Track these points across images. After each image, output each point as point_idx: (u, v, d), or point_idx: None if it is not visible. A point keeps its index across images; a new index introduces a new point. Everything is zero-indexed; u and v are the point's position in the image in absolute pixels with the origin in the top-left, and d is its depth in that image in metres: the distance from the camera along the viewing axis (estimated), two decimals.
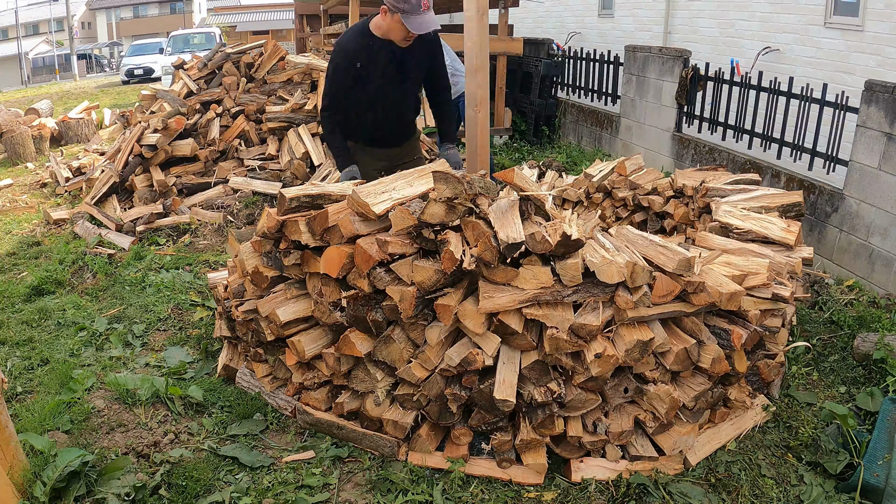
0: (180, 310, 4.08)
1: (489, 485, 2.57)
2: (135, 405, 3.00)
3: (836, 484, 2.60)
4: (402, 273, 2.49)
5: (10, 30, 40.55)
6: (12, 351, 3.58)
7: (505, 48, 8.89)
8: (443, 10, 12.32)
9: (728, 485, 2.58)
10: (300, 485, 2.55)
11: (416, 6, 3.08)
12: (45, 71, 38.08)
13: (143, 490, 2.41)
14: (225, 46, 7.73)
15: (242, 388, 3.14)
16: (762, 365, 2.95)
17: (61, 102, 14.54)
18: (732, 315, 2.79)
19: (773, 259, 3.00)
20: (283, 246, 2.82)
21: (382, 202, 2.60)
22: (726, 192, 3.74)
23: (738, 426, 2.87)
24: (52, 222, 5.85)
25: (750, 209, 3.45)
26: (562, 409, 2.55)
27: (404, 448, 2.69)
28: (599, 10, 10.07)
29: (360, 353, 2.62)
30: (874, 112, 4.22)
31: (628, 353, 2.47)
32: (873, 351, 3.34)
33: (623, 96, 7.45)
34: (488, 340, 2.49)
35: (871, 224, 4.32)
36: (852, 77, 5.82)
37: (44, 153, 8.85)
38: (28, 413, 2.89)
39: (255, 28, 32.08)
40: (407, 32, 3.16)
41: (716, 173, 4.04)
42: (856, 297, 4.14)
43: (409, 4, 3.08)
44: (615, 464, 2.62)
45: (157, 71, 20.42)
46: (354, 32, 3.38)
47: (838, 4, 6.15)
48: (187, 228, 5.50)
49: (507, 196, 2.67)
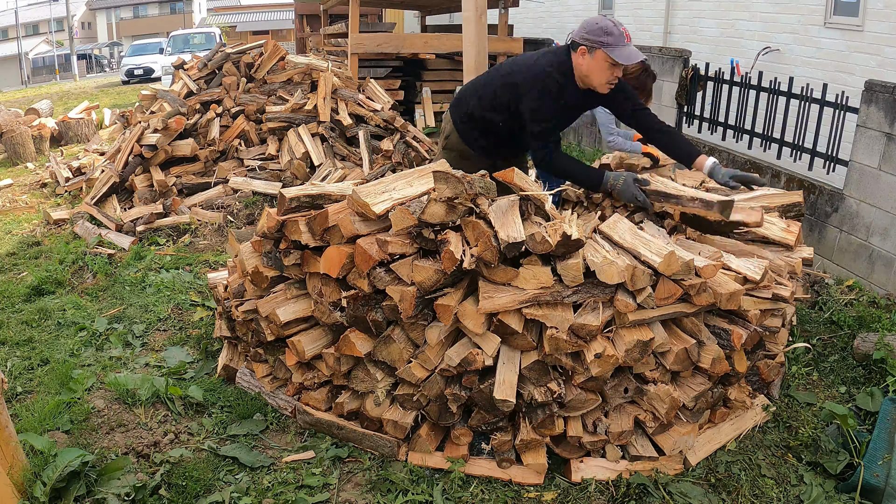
0: (180, 310, 4.08)
1: (489, 485, 2.57)
2: (135, 405, 3.00)
3: (836, 484, 2.60)
4: (402, 273, 2.49)
5: (10, 30, 40.54)
6: (12, 351, 3.58)
7: (505, 48, 8.90)
8: (442, 10, 12.33)
9: (728, 485, 2.58)
10: (300, 485, 2.55)
11: (620, 37, 2.82)
12: (45, 71, 38.08)
13: (143, 490, 2.41)
14: (225, 46, 7.73)
15: (242, 388, 3.14)
16: (762, 365, 2.95)
17: (61, 102, 14.54)
18: (732, 315, 2.79)
19: (773, 260, 3.00)
20: (283, 246, 2.82)
21: (382, 202, 2.60)
22: (726, 192, 3.73)
23: (738, 426, 2.87)
24: (52, 222, 5.85)
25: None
26: (562, 409, 2.55)
27: (404, 448, 2.69)
28: (599, 10, 10.08)
29: (360, 353, 2.62)
30: (874, 112, 4.22)
31: (628, 353, 2.47)
32: (873, 351, 3.34)
33: None
34: (488, 340, 2.49)
35: (871, 224, 4.32)
36: (852, 77, 5.82)
37: (44, 153, 8.84)
38: (28, 413, 2.88)
39: (255, 28, 32.10)
40: (612, 73, 2.88)
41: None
42: (856, 297, 4.14)
43: (613, 37, 2.81)
44: (615, 464, 2.62)
45: (157, 71, 20.42)
46: (563, 69, 3.00)
47: (838, 4, 6.15)
48: (187, 228, 5.50)
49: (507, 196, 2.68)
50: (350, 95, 6.92)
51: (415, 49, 8.95)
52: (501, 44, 8.88)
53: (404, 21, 16.68)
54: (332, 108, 6.74)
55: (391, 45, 8.64)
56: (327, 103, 6.64)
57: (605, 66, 2.87)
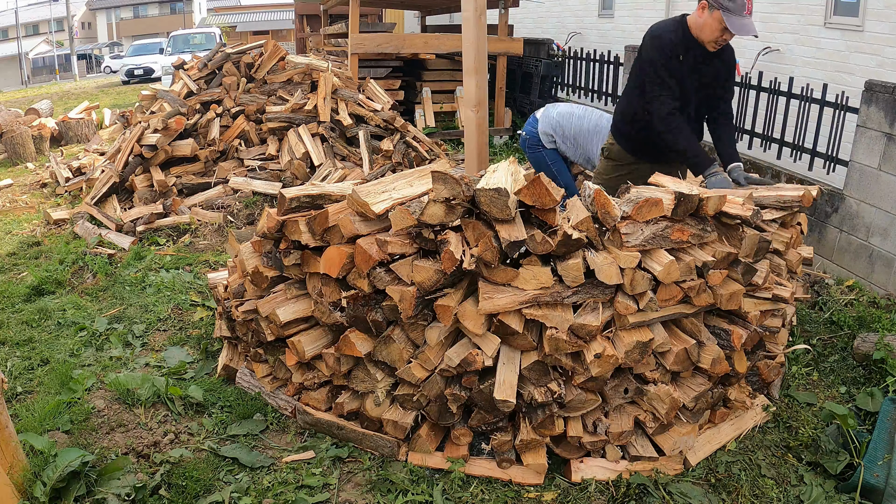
0: (180, 310, 4.08)
1: (489, 485, 2.57)
2: (135, 405, 3.00)
3: (836, 484, 2.60)
4: (402, 273, 2.49)
5: (10, 30, 40.56)
6: (12, 351, 3.58)
7: (505, 48, 8.90)
8: (442, 10, 12.34)
9: (728, 485, 2.58)
10: (300, 485, 2.55)
11: (741, 7, 2.95)
12: (46, 71, 38.10)
13: (143, 490, 2.41)
14: (225, 46, 7.73)
15: (242, 388, 3.14)
16: (762, 365, 2.95)
17: (61, 102, 14.54)
18: (732, 315, 2.79)
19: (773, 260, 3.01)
20: (283, 246, 2.82)
21: (382, 202, 2.60)
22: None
23: (738, 426, 2.88)
24: (52, 222, 5.85)
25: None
26: (562, 409, 2.55)
27: (404, 448, 2.69)
28: (599, 10, 10.07)
29: (360, 353, 2.62)
30: (874, 112, 4.22)
31: (628, 353, 2.47)
32: (873, 351, 3.34)
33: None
34: (488, 341, 2.49)
35: (871, 224, 4.32)
36: (852, 77, 5.82)
37: (44, 153, 8.85)
38: (28, 413, 2.89)
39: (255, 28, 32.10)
40: (721, 34, 3.01)
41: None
42: (856, 298, 4.14)
43: (735, 4, 2.94)
44: (615, 464, 2.62)
45: (157, 71, 20.43)
46: (671, 23, 3.20)
47: (838, 4, 6.15)
48: (187, 228, 5.50)
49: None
50: (350, 95, 6.92)
51: (415, 49, 8.95)
52: (501, 44, 8.88)
53: (404, 21, 16.68)
54: (333, 109, 6.74)
55: (391, 45, 8.64)
56: (327, 103, 6.64)
57: (717, 27, 3.00)
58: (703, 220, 2.59)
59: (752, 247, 2.71)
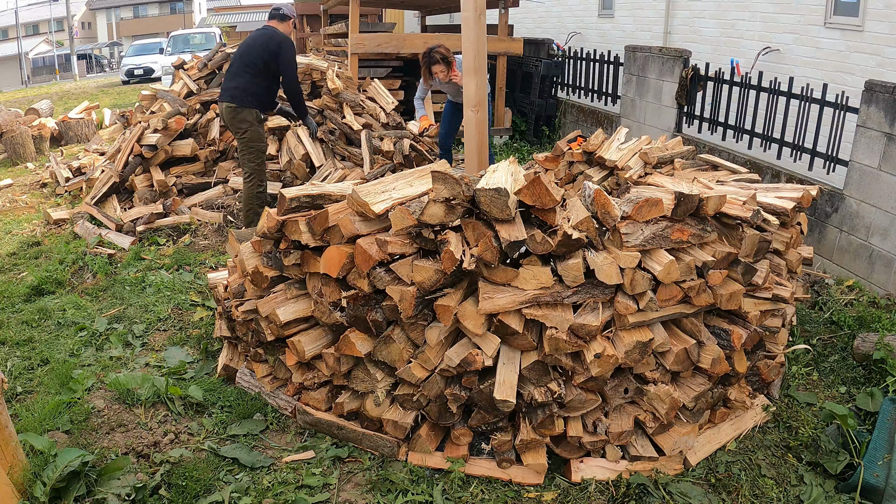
0: (180, 310, 4.08)
1: (489, 485, 2.57)
2: (135, 405, 3.00)
3: (836, 484, 2.60)
4: (402, 273, 2.49)
5: (10, 30, 40.54)
6: (12, 351, 3.58)
7: (505, 48, 8.90)
8: (442, 10, 12.33)
9: (728, 485, 2.58)
10: (300, 485, 2.55)
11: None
12: (46, 71, 38.08)
13: (143, 490, 2.41)
14: (225, 46, 7.73)
15: (242, 388, 3.14)
16: (762, 365, 2.95)
17: (61, 102, 14.54)
18: (732, 315, 2.79)
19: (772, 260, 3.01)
20: (283, 246, 2.82)
21: (382, 202, 2.60)
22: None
23: (738, 426, 2.87)
24: (52, 222, 5.85)
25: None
26: (562, 409, 2.55)
27: (404, 448, 2.69)
28: (599, 10, 10.07)
29: (360, 353, 2.62)
30: (874, 112, 4.22)
31: (628, 353, 2.47)
32: (873, 351, 3.34)
33: (623, 96, 7.45)
34: (488, 341, 2.49)
35: (871, 224, 4.32)
36: (852, 77, 5.82)
37: (44, 153, 8.85)
38: (28, 413, 2.88)
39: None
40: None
41: (716, 173, 4.04)
42: (856, 298, 4.14)
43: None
44: (615, 464, 2.62)
45: (157, 71, 20.42)
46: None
47: (838, 4, 6.15)
48: (187, 228, 5.50)
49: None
50: (352, 98, 6.91)
51: (415, 49, 8.93)
52: (501, 44, 8.87)
53: (404, 21, 16.68)
54: (334, 109, 6.74)
55: (391, 45, 8.64)
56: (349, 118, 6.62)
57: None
58: (703, 220, 2.59)
59: (752, 247, 2.72)
